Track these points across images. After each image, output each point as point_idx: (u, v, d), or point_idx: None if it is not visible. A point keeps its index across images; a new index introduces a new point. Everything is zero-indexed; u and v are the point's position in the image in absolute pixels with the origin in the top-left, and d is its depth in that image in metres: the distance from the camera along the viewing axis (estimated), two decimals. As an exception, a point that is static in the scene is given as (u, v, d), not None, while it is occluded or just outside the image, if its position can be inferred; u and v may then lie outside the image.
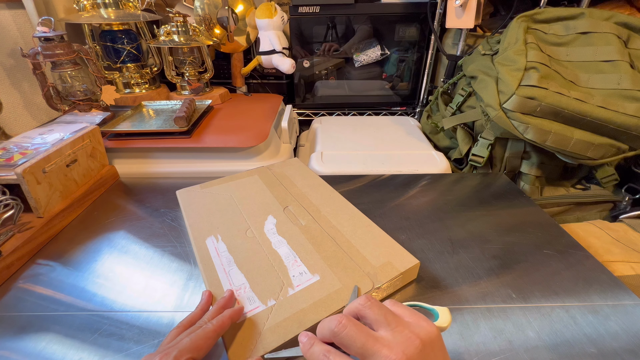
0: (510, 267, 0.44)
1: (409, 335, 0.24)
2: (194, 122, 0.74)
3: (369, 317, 0.26)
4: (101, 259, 0.46)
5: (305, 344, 0.26)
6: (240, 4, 0.95)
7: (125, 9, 0.84)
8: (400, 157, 0.74)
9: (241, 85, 1.04)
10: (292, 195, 0.53)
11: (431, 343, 0.24)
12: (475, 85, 0.72)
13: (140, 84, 0.92)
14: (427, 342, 0.24)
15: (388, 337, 0.24)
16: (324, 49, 1.03)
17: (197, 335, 0.29)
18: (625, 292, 0.40)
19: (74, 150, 0.55)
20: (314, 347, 0.26)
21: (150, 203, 0.58)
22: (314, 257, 0.41)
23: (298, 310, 0.34)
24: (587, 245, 0.51)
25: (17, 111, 0.79)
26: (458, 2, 0.78)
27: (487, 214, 0.55)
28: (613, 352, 0.33)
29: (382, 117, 1.03)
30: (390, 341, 0.24)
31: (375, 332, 0.25)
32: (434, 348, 0.24)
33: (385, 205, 0.56)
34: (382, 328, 0.25)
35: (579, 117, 0.58)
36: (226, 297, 0.35)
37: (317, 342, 0.26)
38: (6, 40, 0.76)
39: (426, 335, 0.24)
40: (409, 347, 0.23)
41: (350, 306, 0.27)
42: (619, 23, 0.65)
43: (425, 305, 0.31)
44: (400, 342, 0.23)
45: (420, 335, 0.24)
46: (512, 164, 0.71)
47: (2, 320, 0.37)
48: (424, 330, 0.25)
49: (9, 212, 0.45)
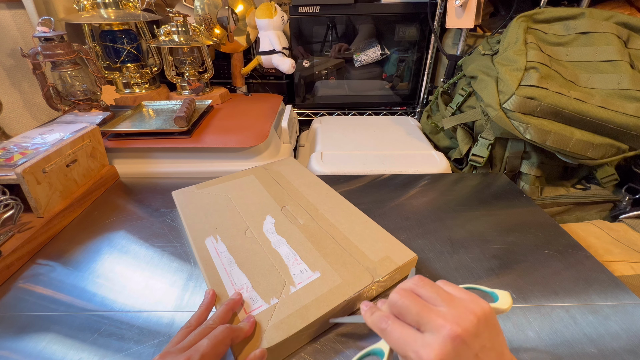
0: (510, 267, 0.44)
1: (463, 309, 0.24)
2: (194, 122, 0.74)
3: (423, 295, 0.26)
4: (101, 259, 0.46)
5: (367, 311, 0.28)
6: (240, 4, 0.95)
7: (125, 9, 0.84)
8: (400, 157, 0.74)
9: (241, 85, 1.04)
10: (289, 195, 0.54)
11: (485, 320, 0.24)
12: (475, 85, 0.72)
13: (140, 84, 0.92)
14: (481, 317, 0.24)
15: (443, 310, 0.25)
16: (334, 50, 1.03)
17: (217, 339, 0.28)
18: (625, 292, 0.40)
19: (74, 150, 0.55)
20: (375, 313, 0.27)
21: (150, 203, 0.58)
22: (314, 254, 0.41)
23: (301, 306, 0.34)
24: (587, 245, 0.51)
25: (17, 111, 0.79)
26: (458, 2, 0.78)
27: (487, 214, 0.55)
28: (613, 352, 0.33)
29: (382, 117, 1.03)
30: (446, 313, 0.24)
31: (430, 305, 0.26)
32: (487, 324, 0.24)
33: (385, 205, 0.56)
34: (437, 304, 0.25)
35: (579, 117, 0.58)
36: (235, 299, 0.34)
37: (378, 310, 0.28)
38: (6, 40, 0.76)
39: (480, 312, 0.24)
40: (463, 320, 0.24)
41: (403, 284, 0.28)
42: (619, 23, 0.65)
43: (485, 288, 0.31)
44: (455, 315, 0.24)
45: (474, 310, 0.24)
46: (512, 164, 0.71)
47: (2, 320, 0.37)
48: (478, 307, 0.25)
49: (9, 212, 0.45)
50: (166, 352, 0.27)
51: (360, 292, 0.36)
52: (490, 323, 0.25)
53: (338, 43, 1.02)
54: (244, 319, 0.33)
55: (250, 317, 0.33)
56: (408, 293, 0.26)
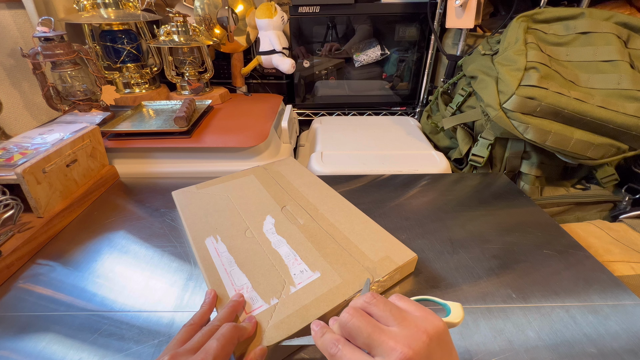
0: (510, 267, 0.44)
1: (415, 329, 0.24)
2: (194, 122, 0.74)
3: (374, 314, 0.26)
4: (101, 259, 0.46)
5: (317, 332, 0.27)
6: (240, 4, 0.95)
7: (125, 9, 0.84)
8: (400, 157, 0.74)
9: (241, 85, 1.04)
10: (289, 195, 0.54)
11: (438, 338, 0.24)
12: (475, 85, 0.72)
13: (140, 84, 0.92)
14: (433, 336, 0.24)
15: (395, 331, 0.24)
16: (326, 49, 1.03)
17: (225, 339, 0.28)
18: (625, 292, 0.40)
19: (74, 150, 0.55)
20: (325, 335, 0.26)
21: (150, 203, 0.58)
22: (314, 255, 0.41)
23: (301, 306, 0.34)
24: (587, 245, 0.51)
25: (17, 111, 0.79)
26: (458, 2, 0.78)
27: (487, 214, 0.55)
28: (613, 352, 0.33)
29: (382, 117, 1.03)
30: (397, 334, 0.24)
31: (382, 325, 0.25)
32: (440, 343, 0.24)
33: (385, 205, 0.56)
34: (388, 323, 0.25)
35: (579, 117, 0.58)
36: (238, 300, 0.34)
37: (329, 331, 0.26)
38: (6, 40, 0.76)
39: (433, 330, 0.24)
40: (415, 341, 0.23)
41: (355, 302, 0.27)
42: (619, 23, 0.65)
43: (437, 299, 0.31)
44: (406, 335, 0.23)
45: (427, 329, 0.24)
46: (512, 164, 0.71)
47: (2, 320, 0.37)
48: (431, 325, 0.24)
49: (9, 212, 0.45)
50: (176, 354, 0.27)
51: (360, 292, 0.36)
52: (442, 341, 0.24)
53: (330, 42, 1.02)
54: (244, 319, 0.33)
55: (252, 317, 0.33)
56: (359, 312, 0.26)
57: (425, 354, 0.23)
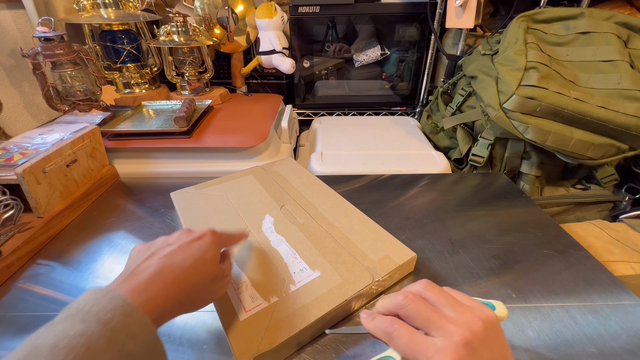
0: (510, 267, 0.44)
1: (471, 316, 0.24)
2: (194, 122, 0.74)
3: (430, 299, 0.26)
4: (101, 259, 0.46)
5: (367, 318, 0.27)
6: (240, 4, 0.95)
7: (125, 9, 0.84)
8: (400, 157, 0.74)
9: (241, 85, 1.04)
10: (288, 194, 0.54)
11: (492, 327, 0.24)
12: (475, 85, 0.72)
13: (140, 84, 0.92)
14: (488, 325, 0.24)
15: (452, 315, 0.24)
16: (333, 50, 1.03)
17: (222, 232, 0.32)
18: (625, 292, 0.40)
19: (74, 150, 0.55)
20: (377, 318, 0.26)
21: (150, 203, 0.58)
22: (314, 253, 0.41)
23: (301, 305, 0.34)
24: (587, 245, 0.51)
25: (17, 111, 0.79)
26: (458, 2, 0.78)
27: (487, 214, 0.55)
28: (613, 352, 0.33)
29: (382, 117, 1.03)
30: (455, 318, 0.24)
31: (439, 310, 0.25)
32: (495, 331, 0.25)
33: (385, 205, 0.56)
34: (444, 309, 0.25)
35: (579, 117, 0.58)
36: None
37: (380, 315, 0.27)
38: (6, 40, 0.76)
39: (487, 319, 0.25)
40: (473, 326, 0.24)
41: (409, 288, 0.28)
42: (619, 23, 0.65)
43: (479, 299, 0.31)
44: (464, 320, 0.24)
45: (482, 317, 0.24)
46: (512, 164, 0.71)
47: (2, 320, 0.37)
48: (485, 314, 0.25)
49: (9, 212, 0.45)
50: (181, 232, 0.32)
51: (360, 291, 0.36)
52: (496, 330, 0.25)
53: (338, 43, 1.02)
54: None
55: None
56: (417, 297, 0.26)
57: (483, 338, 0.23)
